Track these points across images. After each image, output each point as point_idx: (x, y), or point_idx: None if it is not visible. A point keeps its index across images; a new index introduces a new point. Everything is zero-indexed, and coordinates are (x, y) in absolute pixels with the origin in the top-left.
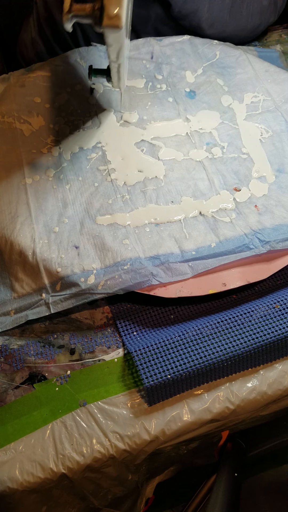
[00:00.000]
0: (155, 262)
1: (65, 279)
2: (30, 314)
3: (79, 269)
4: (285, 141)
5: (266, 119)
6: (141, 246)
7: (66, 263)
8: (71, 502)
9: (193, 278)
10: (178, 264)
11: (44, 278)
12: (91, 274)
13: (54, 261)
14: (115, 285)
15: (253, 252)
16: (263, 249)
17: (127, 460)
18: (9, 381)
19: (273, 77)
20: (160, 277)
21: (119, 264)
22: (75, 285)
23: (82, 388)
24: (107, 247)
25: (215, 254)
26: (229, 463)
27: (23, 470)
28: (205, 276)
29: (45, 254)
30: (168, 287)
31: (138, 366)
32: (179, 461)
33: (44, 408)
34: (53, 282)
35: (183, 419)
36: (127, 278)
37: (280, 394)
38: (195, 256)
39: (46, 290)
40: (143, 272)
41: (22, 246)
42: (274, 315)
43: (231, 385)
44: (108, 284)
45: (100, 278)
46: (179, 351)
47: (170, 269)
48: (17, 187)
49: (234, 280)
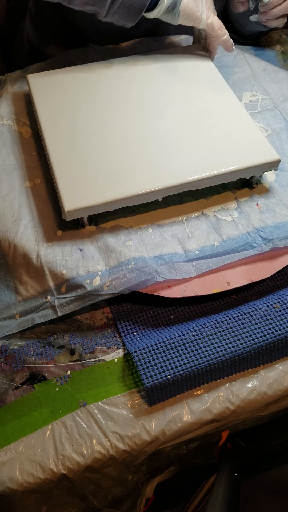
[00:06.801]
0: (159, 262)
1: (71, 281)
2: (37, 318)
3: (84, 271)
4: (285, 139)
5: (265, 118)
6: (145, 247)
7: (71, 265)
8: (71, 502)
9: (197, 278)
10: (182, 264)
11: (49, 281)
12: (96, 275)
13: (59, 264)
14: (121, 284)
15: (257, 251)
16: (266, 247)
17: (127, 461)
18: (9, 381)
19: (271, 76)
20: (164, 274)
21: (123, 264)
22: (80, 287)
23: (82, 389)
24: (111, 248)
25: (218, 253)
26: (229, 463)
27: (23, 470)
28: (209, 276)
29: (49, 257)
30: (173, 287)
31: (138, 367)
32: (179, 461)
33: (44, 408)
34: (58, 284)
35: (183, 419)
36: (132, 277)
37: (280, 394)
38: (199, 256)
39: (51, 293)
40: (147, 270)
41: (26, 249)
42: (274, 315)
43: (231, 385)
44: (114, 285)
45: (105, 279)
46: (179, 351)
47: (174, 268)
48: (18, 190)
49: (238, 279)
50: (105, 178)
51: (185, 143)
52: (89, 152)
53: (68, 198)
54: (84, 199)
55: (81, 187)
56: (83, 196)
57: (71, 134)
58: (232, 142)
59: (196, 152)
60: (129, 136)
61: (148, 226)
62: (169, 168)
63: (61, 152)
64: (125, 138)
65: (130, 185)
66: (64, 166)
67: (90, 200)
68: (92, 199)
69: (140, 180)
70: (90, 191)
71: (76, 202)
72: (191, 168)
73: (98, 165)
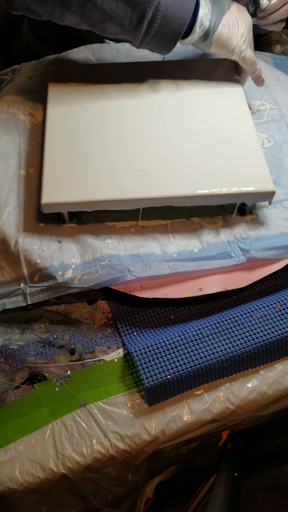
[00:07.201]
0: (134, 259)
1: (43, 271)
2: (8, 303)
3: (57, 263)
4: (286, 151)
5: (269, 129)
6: (123, 246)
7: (46, 256)
8: (71, 502)
9: (170, 283)
10: (157, 263)
11: (24, 268)
12: (69, 268)
13: (35, 253)
14: (91, 280)
15: (234, 261)
16: (243, 257)
17: (127, 460)
18: (9, 381)
19: (283, 86)
20: (137, 272)
21: (97, 260)
22: (52, 278)
23: (82, 388)
24: (89, 244)
25: (196, 258)
26: (229, 463)
27: (23, 470)
28: (182, 281)
29: (27, 245)
30: (145, 287)
31: (138, 366)
32: (179, 461)
33: (44, 408)
34: (31, 273)
35: (183, 419)
36: (103, 273)
37: (280, 394)
38: (176, 258)
39: (24, 280)
40: (119, 268)
41: (6, 234)
42: (274, 315)
43: (231, 385)
44: (84, 279)
45: (77, 273)
46: (179, 351)
47: (149, 266)
48: (10, 177)
49: (211, 286)
50: (90, 178)
51: (181, 158)
52: (84, 152)
53: (49, 191)
54: (63, 195)
55: (64, 182)
56: (64, 191)
57: (73, 130)
58: (230, 166)
59: (189, 169)
60: (128, 142)
61: (132, 227)
62: (157, 180)
63: (57, 146)
64: (123, 144)
65: (113, 189)
66: (55, 159)
67: (69, 197)
68: (71, 196)
69: (124, 186)
70: (72, 188)
71: (54, 196)
72: (177, 183)
73: (87, 165)
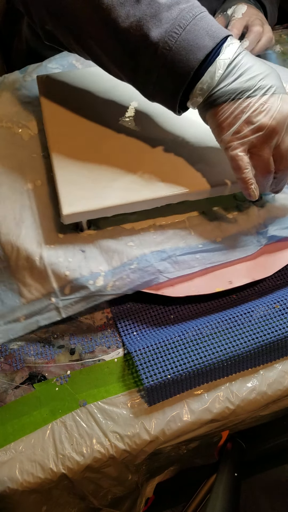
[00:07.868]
0: (162, 256)
1: (74, 282)
2: (41, 320)
3: (87, 272)
4: None
5: None
6: (147, 246)
7: (74, 267)
8: (71, 502)
9: (200, 277)
10: (185, 257)
11: (53, 282)
12: (99, 276)
13: (62, 265)
14: (124, 285)
15: (257, 246)
16: (264, 239)
17: (127, 460)
18: (9, 381)
19: None
20: (167, 272)
21: (126, 264)
22: (84, 288)
23: (82, 388)
24: (113, 249)
25: (221, 248)
26: (229, 463)
27: (23, 470)
28: (211, 274)
29: (52, 258)
30: (176, 286)
31: (138, 366)
32: (179, 461)
33: (44, 408)
34: (62, 286)
35: (183, 419)
36: (134, 277)
37: (280, 394)
38: (202, 249)
39: (55, 294)
40: (150, 270)
41: (29, 251)
42: (274, 315)
43: (231, 385)
44: (117, 285)
45: (108, 280)
46: (179, 351)
47: (177, 263)
48: (20, 192)
49: (240, 277)
50: (105, 184)
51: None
52: (91, 159)
53: (67, 202)
54: (82, 204)
55: (80, 191)
56: (82, 200)
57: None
58: None
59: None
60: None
61: (150, 226)
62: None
63: (63, 156)
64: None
65: (130, 193)
66: (65, 170)
67: (89, 205)
68: (91, 204)
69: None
70: (89, 196)
71: (74, 206)
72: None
73: (97, 171)
